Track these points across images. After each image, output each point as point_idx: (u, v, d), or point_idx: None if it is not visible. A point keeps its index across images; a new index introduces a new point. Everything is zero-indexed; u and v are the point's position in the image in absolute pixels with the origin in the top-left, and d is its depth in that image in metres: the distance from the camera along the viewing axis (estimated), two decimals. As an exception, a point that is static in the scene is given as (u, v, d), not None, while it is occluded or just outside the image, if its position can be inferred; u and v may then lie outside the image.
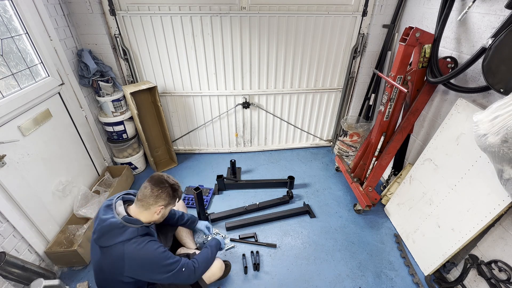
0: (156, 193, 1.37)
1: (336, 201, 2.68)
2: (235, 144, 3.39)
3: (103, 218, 1.32)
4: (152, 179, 1.41)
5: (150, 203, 1.37)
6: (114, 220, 1.31)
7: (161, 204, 1.39)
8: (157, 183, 1.39)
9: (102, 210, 1.38)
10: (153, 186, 1.38)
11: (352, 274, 2.01)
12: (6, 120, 1.69)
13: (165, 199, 1.40)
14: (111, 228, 1.29)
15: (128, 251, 1.28)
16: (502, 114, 1.19)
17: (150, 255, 1.32)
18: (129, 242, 1.29)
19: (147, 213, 1.39)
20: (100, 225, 1.31)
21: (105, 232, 1.30)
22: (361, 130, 3.03)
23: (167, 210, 1.47)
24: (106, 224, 1.30)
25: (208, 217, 2.42)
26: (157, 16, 2.44)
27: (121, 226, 1.30)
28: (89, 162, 2.57)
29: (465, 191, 1.73)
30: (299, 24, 2.59)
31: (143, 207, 1.37)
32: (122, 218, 1.33)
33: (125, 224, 1.31)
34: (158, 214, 1.41)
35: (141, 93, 2.66)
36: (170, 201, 1.43)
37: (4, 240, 1.63)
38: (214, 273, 1.70)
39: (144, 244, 1.32)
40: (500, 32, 1.37)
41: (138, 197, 1.39)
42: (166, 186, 1.40)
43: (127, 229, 1.31)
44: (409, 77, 1.99)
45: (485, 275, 1.61)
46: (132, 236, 1.30)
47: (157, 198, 1.37)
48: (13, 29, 1.85)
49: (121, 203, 1.42)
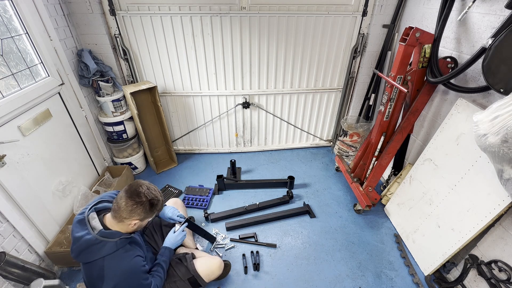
0: (131, 207, 1.24)
1: (336, 201, 2.68)
2: (235, 144, 3.39)
3: (77, 236, 1.23)
4: (128, 190, 1.28)
5: (124, 216, 1.25)
6: (88, 237, 1.21)
7: (135, 218, 1.28)
8: (133, 195, 1.26)
9: (74, 227, 1.27)
10: (128, 199, 1.25)
11: (352, 274, 2.01)
12: (6, 120, 1.69)
13: (140, 214, 1.28)
14: (88, 245, 1.21)
15: (107, 266, 1.23)
16: (502, 114, 1.19)
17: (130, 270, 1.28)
18: (109, 257, 1.24)
19: (121, 225, 1.29)
20: (75, 244, 1.23)
21: (82, 250, 1.22)
22: (361, 130, 3.03)
23: (144, 223, 1.36)
24: (81, 243, 1.21)
25: (208, 217, 2.42)
26: (157, 16, 2.44)
27: (98, 242, 1.22)
28: (89, 162, 2.58)
29: (465, 191, 1.73)
30: (299, 24, 2.59)
31: (117, 219, 1.27)
32: (98, 233, 1.23)
33: (102, 239, 1.22)
34: (133, 227, 1.31)
35: (141, 93, 2.66)
36: (146, 216, 1.31)
37: (4, 240, 1.63)
38: (213, 272, 1.70)
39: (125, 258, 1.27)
40: (500, 32, 1.37)
41: (113, 207, 1.28)
42: (143, 200, 1.26)
43: (105, 244, 1.22)
44: (409, 77, 1.99)
45: (485, 275, 1.61)
46: (112, 251, 1.24)
47: (132, 213, 1.25)
48: (13, 29, 1.85)
49: (94, 216, 1.30)
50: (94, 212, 1.32)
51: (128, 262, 1.29)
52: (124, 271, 1.27)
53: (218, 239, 2.24)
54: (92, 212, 1.32)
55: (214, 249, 2.17)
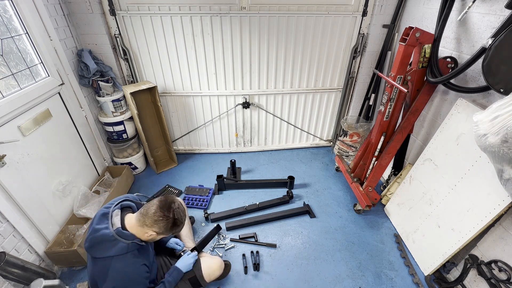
0: (157, 217, 1.30)
1: (336, 201, 2.68)
2: (235, 144, 3.39)
3: (96, 228, 1.29)
4: (163, 201, 1.34)
5: (147, 223, 1.30)
6: (106, 232, 1.27)
7: (155, 230, 1.32)
8: (163, 208, 1.32)
9: (97, 219, 1.33)
10: (158, 209, 1.31)
11: (352, 274, 2.01)
12: (6, 120, 1.69)
13: (161, 228, 1.32)
14: (102, 240, 1.26)
15: (114, 267, 1.25)
16: (502, 114, 1.19)
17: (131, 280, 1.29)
18: (118, 258, 1.26)
19: (140, 230, 1.33)
20: (92, 235, 1.28)
21: (96, 243, 1.26)
22: (361, 130, 3.03)
23: (158, 237, 1.38)
24: (98, 235, 1.26)
25: (208, 217, 2.42)
26: (157, 16, 2.44)
27: (113, 239, 1.26)
28: (89, 162, 2.57)
29: (465, 191, 1.73)
30: (299, 24, 2.59)
31: (139, 222, 1.32)
32: (115, 231, 1.28)
33: (117, 237, 1.27)
34: (147, 236, 1.34)
35: (141, 93, 2.66)
36: (165, 232, 1.35)
37: (4, 240, 1.63)
38: (213, 272, 1.70)
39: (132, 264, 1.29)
40: (500, 32, 1.37)
41: (141, 211, 1.33)
42: (169, 217, 1.32)
43: (118, 243, 1.26)
44: (409, 77, 1.99)
45: (485, 275, 1.61)
46: (122, 252, 1.26)
47: (155, 223, 1.30)
48: (13, 29, 1.85)
49: (118, 213, 1.37)
50: (119, 210, 1.38)
51: (133, 268, 1.30)
52: (127, 276, 1.28)
53: (220, 240, 2.24)
54: (117, 209, 1.38)
55: (214, 249, 2.17)
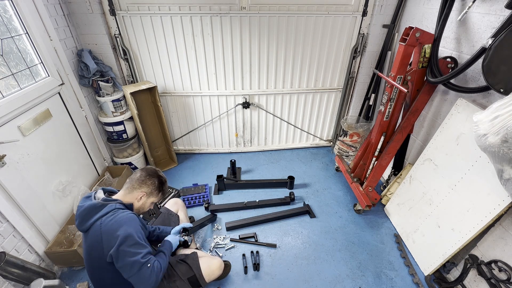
0: (143, 178, 1.43)
1: (336, 201, 2.68)
2: (235, 144, 3.39)
3: (81, 204, 1.33)
4: (144, 168, 1.50)
5: (135, 186, 1.41)
6: (92, 202, 1.31)
7: (144, 190, 1.43)
8: (147, 171, 1.47)
9: (81, 200, 1.38)
10: (142, 172, 1.45)
11: (352, 274, 2.01)
12: (6, 120, 1.69)
13: (149, 187, 1.44)
14: (90, 209, 1.29)
15: (104, 223, 1.25)
16: (502, 114, 1.19)
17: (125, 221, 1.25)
18: (106, 215, 1.27)
19: (129, 197, 1.41)
20: (79, 211, 1.31)
21: (84, 214, 1.29)
22: (361, 130, 3.03)
23: (149, 201, 1.47)
24: (85, 207, 1.30)
25: (208, 208, 2.49)
26: (157, 16, 2.44)
27: (99, 205, 1.30)
28: (89, 162, 2.57)
29: (465, 191, 1.73)
30: (299, 24, 2.59)
31: (128, 189, 1.42)
32: (101, 199, 1.33)
33: (103, 203, 1.31)
34: (138, 201, 1.42)
35: (141, 93, 2.66)
36: (153, 192, 1.46)
37: (4, 240, 1.63)
38: (213, 272, 1.70)
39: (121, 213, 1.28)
40: (500, 32, 1.37)
41: (126, 181, 1.44)
42: (154, 176, 1.46)
43: (105, 205, 1.30)
44: (409, 77, 1.99)
45: (485, 275, 1.61)
46: (110, 209, 1.29)
47: (142, 183, 1.42)
48: (13, 29, 1.85)
49: (101, 191, 1.43)
50: (101, 190, 1.44)
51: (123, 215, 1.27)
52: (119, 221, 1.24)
53: (218, 240, 2.24)
54: (100, 189, 1.44)
55: (214, 249, 2.17)
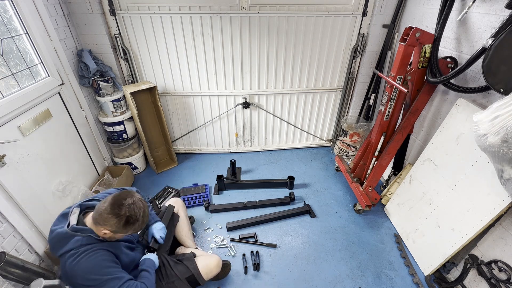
0: (106, 215, 1.21)
1: (336, 201, 2.67)
2: (235, 144, 3.39)
3: (52, 229, 1.26)
4: (115, 197, 1.25)
5: (99, 221, 1.23)
6: (60, 230, 1.22)
7: (108, 228, 1.24)
8: (114, 205, 1.22)
9: (55, 220, 1.30)
10: (108, 207, 1.22)
11: (352, 274, 2.01)
12: (6, 120, 1.69)
13: (112, 226, 1.23)
14: (58, 238, 1.22)
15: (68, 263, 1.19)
16: (502, 114, 1.19)
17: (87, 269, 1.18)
18: (72, 253, 1.19)
19: (95, 228, 1.27)
20: (50, 236, 1.26)
21: (53, 243, 1.23)
22: (361, 130, 3.03)
23: (117, 235, 1.30)
24: (53, 235, 1.23)
25: (208, 208, 2.51)
26: (157, 16, 2.44)
27: (68, 235, 1.21)
28: (89, 162, 2.57)
29: (465, 191, 1.73)
30: (299, 24, 2.59)
31: (94, 220, 1.25)
32: (70, 228, 1.23)
33: (72, 233, 1.21)
34: (103, 235, 1.27)
35: (141, 93, 2.66)
36: (118, 230, 1.25)
37: (4, 240, 1.62)
38: (211, 270, 1.70)
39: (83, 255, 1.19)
40: (500, 32, 1.37)
41: (96, 208, 1.26)
42: (120, 214, 1.22)
43: (73, 238, 1.21)
44: (409, 77, 1.99)
45: (485, 275, 1.61)
46: (75, 245, 1.19)
47: (105, 221, 1.22)
48: (13, 29, 1.85)
49: (76, 211, 1.31)
50: (78, 208, 1.34)
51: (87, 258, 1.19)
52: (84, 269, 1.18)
53: (218, 241, 2.24)
54: (76, 208, 1.33)
55: (212, 249, 2.17)
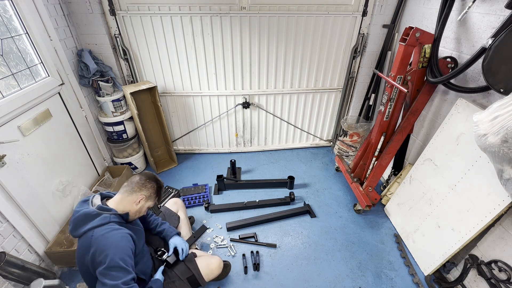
0: (143, 181, 1.45)
1: (336, 201, 2.67)
2: (235, 144, 3.39)
3: (77, 209, 1.34)
4: (143, 172, 1.54)
5: (135, 189, 1.42)
6: (87, 209, 1.32)
7: (143, 193, 1.44)
8: (146, 175, 1.49)
9: (77, 205, 1.39)
10: (142, 176, 1.47)
11: (352, 274, 2.01)
12: (6, 120, 1.69)
13: (149, 190, 1.46)
14: (84, 217, 1.29)
15: (96, 235, 1.23)
16: (502, 114, 1.19)
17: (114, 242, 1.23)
18: (99, 227, 1.26)
19: (128, 200, 1.40)
20: (74, 216, 1.32)
21: (78, 221, 1.29)
22: (361, 130, 3.03)
23: (146, 205, 1.47)
24: (79, 214, 1.30)
25: (208, 208, 2.50)
26: (157, 16, 2.44)
27: (94, 214, 1.30)
28: (89, 162, 2.57)
29: (465, 191, 1.73)
30: (299, 24, 2.59)
31: (127, 192, 1.41)
32: (96, 207, 1.34)
33: (98, 211, 1.31)
34: (137, 204, 1.42)
35: (141, 93, 2.66)
36: (151, 196, 1.47)
37: (4, 240, 1.63)
38: (212, 271, 1.70)
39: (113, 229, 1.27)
40: (500, 32, 1.37)
41: (125, 184, 1.45)
42: (153, 181, 1.49)
43: (99, 215, 1.30)
44: (409, 77, 1.99)
45: (485, 275, 1.61)
46: (103, 221, 1.28)
47: (142, 187, 1.44)
48: (13, 29, 1.85)
49: (98, 197, 1.44)
50: (99, 195, 1.46)
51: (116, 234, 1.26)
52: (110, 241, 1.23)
53: (218, 241, 2.24)
54: (97, 195, 1.46)
55: (214, 249, 2.17)
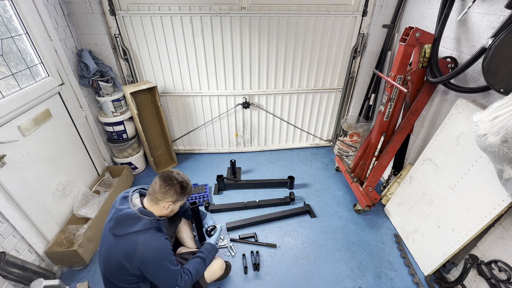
0: (164, 189, 1.42)
1: (336, 201, 2.68)
2: (235, 144, 3.39)
3: (119, 207, 1.39)
4: (162, 176, 1.46)
5: (159, 198, 1.42)
6: (129, 210, 1.37)
7: (169, 200, 1.44)
8: (166, 179, 1.44)
9: (118, 201, 1.45)
10: (162, 182, 1.43)
11: (352, 274, 2.01)
12: (6, 120, 1.69)
13: (173, 196, 1.44)
14: (127, 217, 1.35)
15: (141, 242, 1.32)
16: (502, 114, 1.19)
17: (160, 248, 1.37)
18: (143, 233, 1.34)
19: (157, 207, 1.45)
20: (116, 214, 1.37)
21: (120, 221, 1.35)
22: (361, 130, 3.03)
23: (177, 205, 1.51)
24: (122, 214, 1.36)
25: (208, 208, 2.49)
26: (157, 16, 2.44)
27: (136, 216, 1.36)
28: (89, 162, 2.57)
29: (465, 191, 1.73)
30: (299, 24, 2.59)
31: (153, 201, 1.44)
32: (138, 210, 1.39)
33: (140, 215, 1.37)
34: (166, 210, 1.46)
35: (141, 93, 2.66)
36: (178, 198, 1.48)
37: (4, 240, 1.63)
38: (214, 272, 1.70)
39: (158, 236, 1.38)
40: (500, 32, 1.37)
41: (149, 191, 1.46)
42: (174, 183, 1.44)
43: (141, 220, 1.36)
44: (409, 77, 1.99)
45: (485, 275, 1.61)
46: (146, 227, 1.36)
47: (165, 194, 1.42)
48: (13, 29, 1.85)
49: (137, 196, 1.50)
50: (137, 193, 1.52)
51: (159, 241, 1.38)
52: (155, 248, 1.35)
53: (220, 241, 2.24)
54: (136, 193, 1.52)
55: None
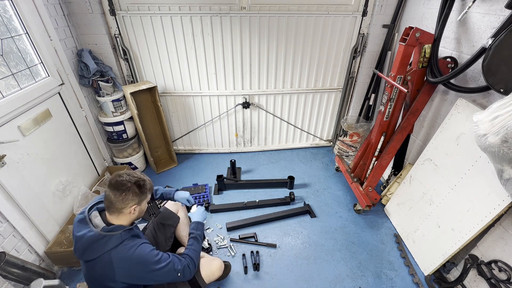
0: (121, 197, 1.27)
1: (336, 201, 2.68)
2: (235, 144, 3.39)
3: (79, 235, 1.25)
4: (111, 185, 1.28)
5: (121, 207, 1.28)
6: (91, 234, 1.23)
7: (131, 204, 1.30)
8: (117, 187, 1.27)
9: (75, 227, 1.29)
10: (115, 192, 1.27)
11: (352, 274, 2.01)
12: (6, 120, 1.69)
13: (134, 199, 1.30)
14: (91, 242, 1.22)
15: (115, 258, 1.23)
16: (502, 114, 1.19)
17: (138, 258, 1.27)
18: (115, 249, 1.24)
19: (123, 217, 1.31)
20: (78, 243, 1.24)
21: (86, 247, 1.23)
22: (361, 130, 3.03)
23: (143, 205, 1.39)
24: (84, 240, 1.22)
25: (208, 208, 2.50)
26: (157, 16, 2.44)
27: (102, 237, 1.23)
28: (89, 162, 2.58)
29: (465, 191, 1.73)
30: (299, 24, 2.59)
31: (116, 213, 1.29)
32: (102, 230, 1.25)
33: (106, 234, 1.24)
34: (134, 213, 1.34)
35: (141, 93, 2.66)
36: (141, 198, 1.34)
37: (4, 240, 1.63)
38: (213, 273, 1.69)
39: (131, 247, 1.27)
40: (500, 32, 1.37)
41: (106, 206, 1.30)
42: (128, 186, 1.28)
43: (110, 238, 1.24)
44: (409, 77, 1.99)
45: (485, 275, 1.61)
46: (118, 242, 1.25)
47: (125, 201, 1.28)
48: (13, 29, 1.85)
49: (96, 214, 1.32)
50: (96, 211, 1.34)
51: (134, 251, 1.27)
52: (134, 258, 1.26)
53: (218, 241, 2.24)
54: (94, 211, 1.34)
55: (214, 249, 2.17)
